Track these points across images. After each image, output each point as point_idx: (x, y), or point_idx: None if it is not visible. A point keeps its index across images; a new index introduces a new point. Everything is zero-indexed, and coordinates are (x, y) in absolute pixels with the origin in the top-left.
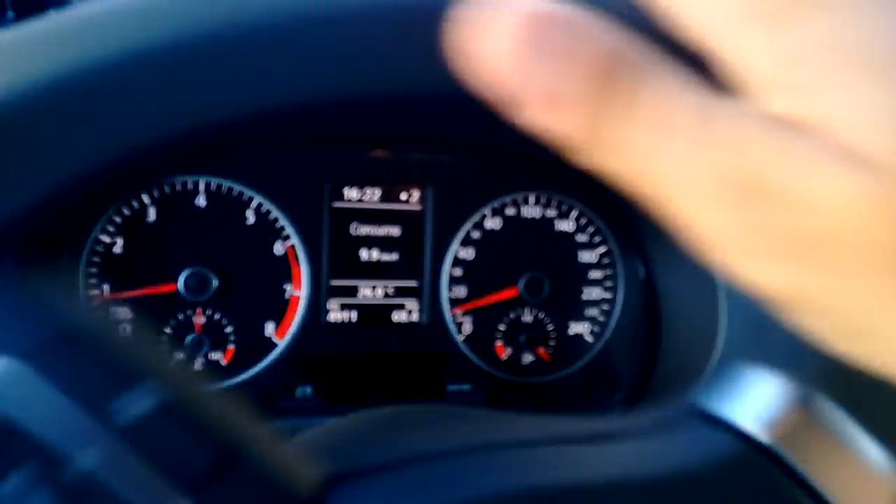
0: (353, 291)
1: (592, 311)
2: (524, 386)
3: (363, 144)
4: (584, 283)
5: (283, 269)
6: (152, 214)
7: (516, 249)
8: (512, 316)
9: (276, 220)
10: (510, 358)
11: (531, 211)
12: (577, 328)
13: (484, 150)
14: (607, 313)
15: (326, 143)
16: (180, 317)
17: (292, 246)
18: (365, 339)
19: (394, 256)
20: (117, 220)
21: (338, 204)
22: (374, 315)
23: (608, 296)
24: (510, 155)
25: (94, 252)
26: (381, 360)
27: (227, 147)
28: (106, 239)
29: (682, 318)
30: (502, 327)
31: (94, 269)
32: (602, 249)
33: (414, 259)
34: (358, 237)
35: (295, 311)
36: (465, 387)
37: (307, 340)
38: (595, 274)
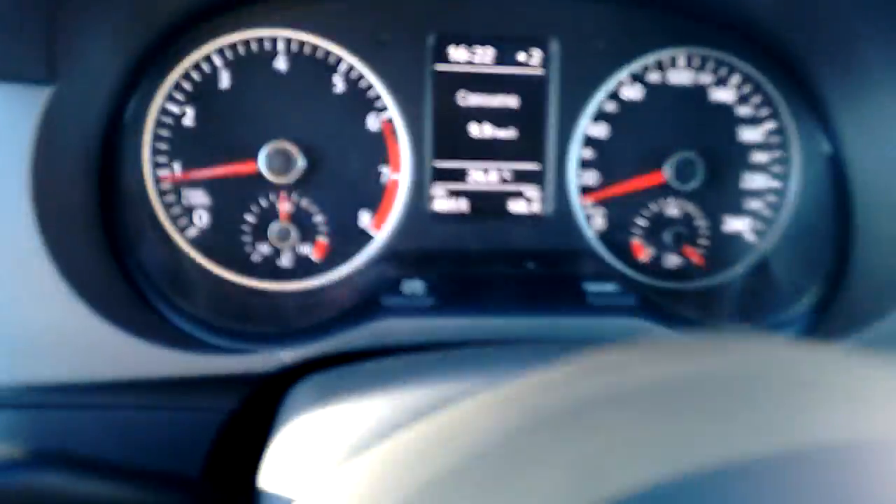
0: (461, 175)
1: (755, 204)
2: (670, 292)
3: None
4: (746, 168)
5: (379, 148)
6: (225, 80)
7: (661, 125)
8: (655, 208)
9: (369, 87)
10: (652, 260)
11: (680, 75)
12: (735, 224)
13: None
14: (775, 206)
15: None
16: (263, 202)
17: (389, 119)
18: (477, 232)
19: (510, 133)
20: (186, 86)
21: (442, 66)
22: (488, 204)
23: (777, 184)
24: None
25: (160, 124)
26: (497, 258)
27: None
28: (174, 109)
29: (882, 211)
30: (642, 222)
31: (161, 145)
32: (771, 125)
33: (535, 137)
34: (467, 108)
35: (393, 198)
36: (608, 287)
37: (409, 233)
38: (760, 156)
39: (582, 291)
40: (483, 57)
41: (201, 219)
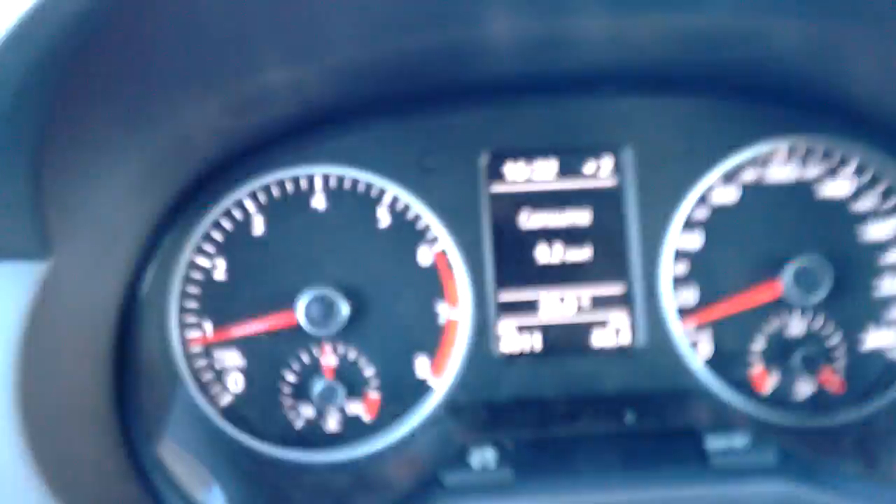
0: (531, 307)
1: None
2: (809, 431)
3: (526, 94)
4: (878, 271)
5: (433, 283)
6: (259, 225)
7: (767, 229)
8: (773, 327)
9: (417, 217)
10: (777, 391)
11: (780, 171)
12: (877, 339)
13: (705, 81)
14: None
15: (476, 98)
16: (304, 357)
17: (442, 251)
18: (556, 374)
19: (585, 253)
20: (215, 236)
21: (499, 186)
22: (566, 338)
23: None
24: (746, 85)
25: (188, 281)
26: (585, 407)
27: (345, 122)
28: (203, 262)
29: None
30: (760, 346)
31: (189, 305)
32: None
33: (615, 255)
34: (531, 230)
35: (452, 340)
36: (737, 441)
37: (474, 380)
38: (894, 256)
39: (702, 449)
40: (545, 171)
41: (235, 383)
